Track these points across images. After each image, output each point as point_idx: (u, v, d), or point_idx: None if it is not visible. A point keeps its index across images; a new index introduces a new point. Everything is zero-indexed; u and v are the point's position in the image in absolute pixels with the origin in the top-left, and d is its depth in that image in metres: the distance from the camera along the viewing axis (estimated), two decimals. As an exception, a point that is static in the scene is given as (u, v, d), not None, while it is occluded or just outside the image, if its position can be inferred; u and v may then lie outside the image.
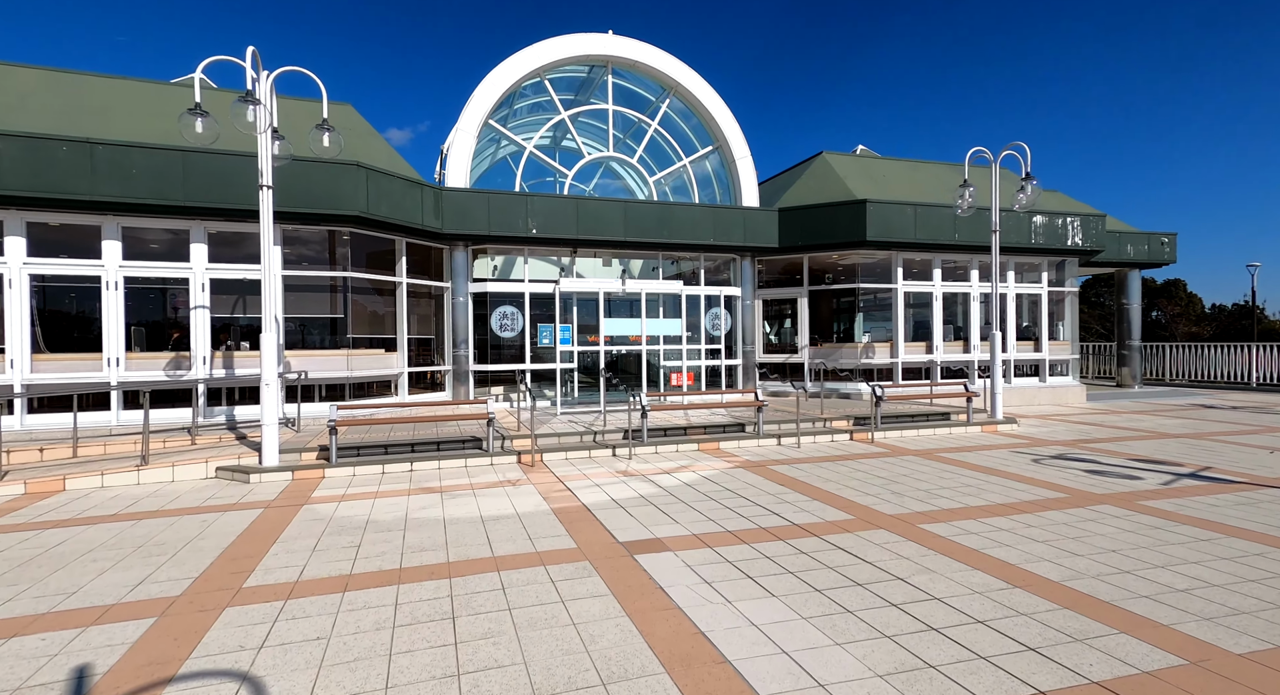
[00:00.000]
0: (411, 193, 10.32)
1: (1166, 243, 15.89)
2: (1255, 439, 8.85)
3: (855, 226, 12.17)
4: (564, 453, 7.95)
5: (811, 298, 13.41)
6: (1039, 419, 11.15)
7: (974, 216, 12.63)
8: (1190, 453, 7.85)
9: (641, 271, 15.54)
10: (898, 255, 12.88)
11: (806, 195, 13.39)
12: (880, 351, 12.90)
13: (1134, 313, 16.28)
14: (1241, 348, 16.97)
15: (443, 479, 6.79)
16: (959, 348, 13.38)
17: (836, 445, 8.66)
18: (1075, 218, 13.30)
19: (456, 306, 11.64)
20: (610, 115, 13.09)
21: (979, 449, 8.27)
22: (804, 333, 13.27)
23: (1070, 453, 7.91)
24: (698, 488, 6.31)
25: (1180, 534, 4.68)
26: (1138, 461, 7.34)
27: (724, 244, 12.57)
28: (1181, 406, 12.83)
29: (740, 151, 13.30)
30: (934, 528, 4.92)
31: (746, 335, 13.46)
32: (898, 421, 9.83)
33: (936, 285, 13.14)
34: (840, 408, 10.85)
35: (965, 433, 9.55)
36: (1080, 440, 8.82)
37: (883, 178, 13.82)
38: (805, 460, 7.64)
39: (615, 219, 11.84)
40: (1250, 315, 39.11)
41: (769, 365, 13.95)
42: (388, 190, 9.87)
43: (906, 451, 8.17)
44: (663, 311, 12.59)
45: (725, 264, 13.73)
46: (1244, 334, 35.85)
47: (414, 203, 10.37)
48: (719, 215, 12.53)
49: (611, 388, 9.22)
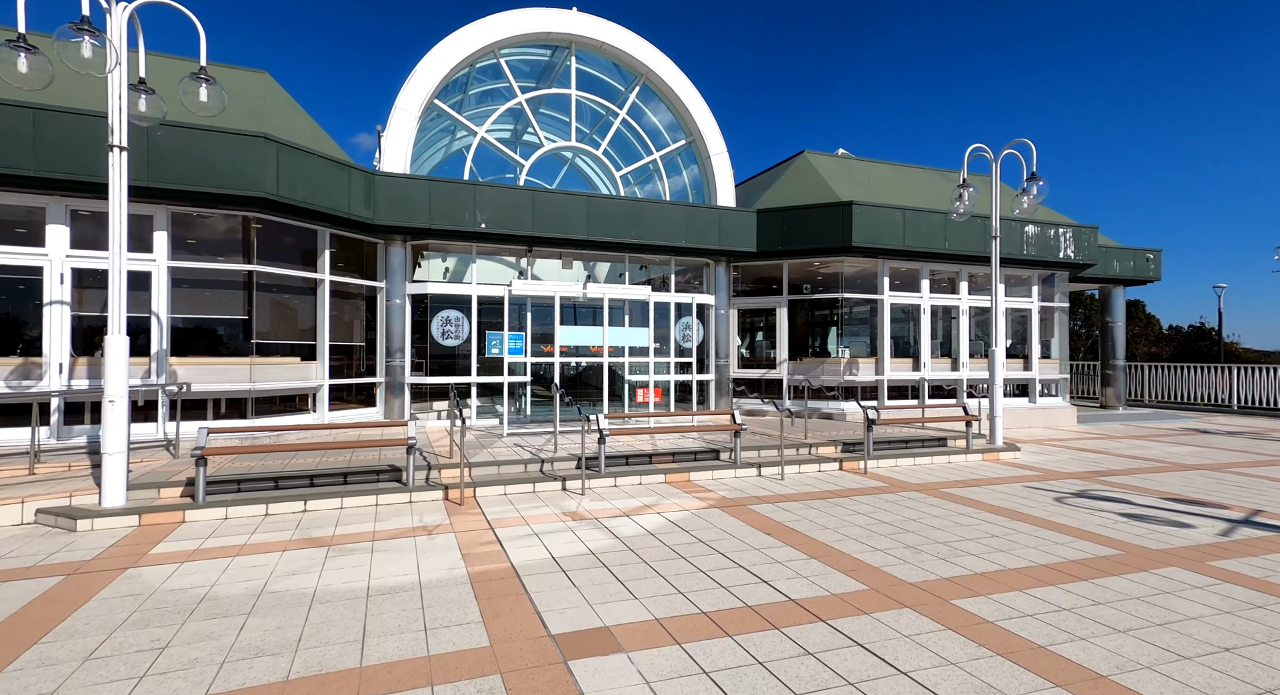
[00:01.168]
0: (337, 176, 8.85)
1: (1151, 259, 15.37)
2: (1271, 472, 7.98)
3: (840, 231, 11.13)
4: (503, 487, 6.55)
5: (791, 308, 12.31)
6: (1037, 444, 10.20)
7: (965, 224, 11.75)
8: (1222, 489, 6.88)
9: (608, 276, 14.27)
10: (884, 264, 11.90)
11: (787, 196, 12.33)
12: (865, 368, 11.86)
13: (1119, 331, 15.69)
14: (1221, 369, 16.57)
15: (340, 525, 5.32)
16: (947, 365, 12.44)
17: (826, 477, 7.47)
18: (1067, 229, 12.55)
19: (392, 309, 10.15)
20: (573, 103, 11.85)
21: (987, 483, 7.17)
22: (782, 346, 12.15)
23: (1092, 489, 6.86)
24: (664, 539, 4.99)
25: (1294, 617, 3.57)
26: (1173, 501, 6.32)
27: (697, 247, 11.39)
28: (1175, 431, 12.10)
29: (716, 146, 12.19)
30: (973, 606, 3.70)
31: (720, 348, 12.27)
32: (890, 448, 8.71)
33: (925, 297, 12.19)
34: (824, 430, 9.70)
35: (965, 462, 8.48)
36: (1095, 473, 7.82)
37: (868, 180, 12.89)
38: (792, 497, 6.41)
39: (577, 215, 10.55)
40: (1206, 337, 39.93)
41: (744, 381, 12.77)
42: (306, 171, 8.39)
43: (906, 485, 7.01)
44: (628, 320, 11.32)
45: (698, 270, 12.55)
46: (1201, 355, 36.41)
47: (340, 187, 8.90)
48: (692, 215, 11.36)
49: (567, 405, 7.87)
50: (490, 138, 11.65)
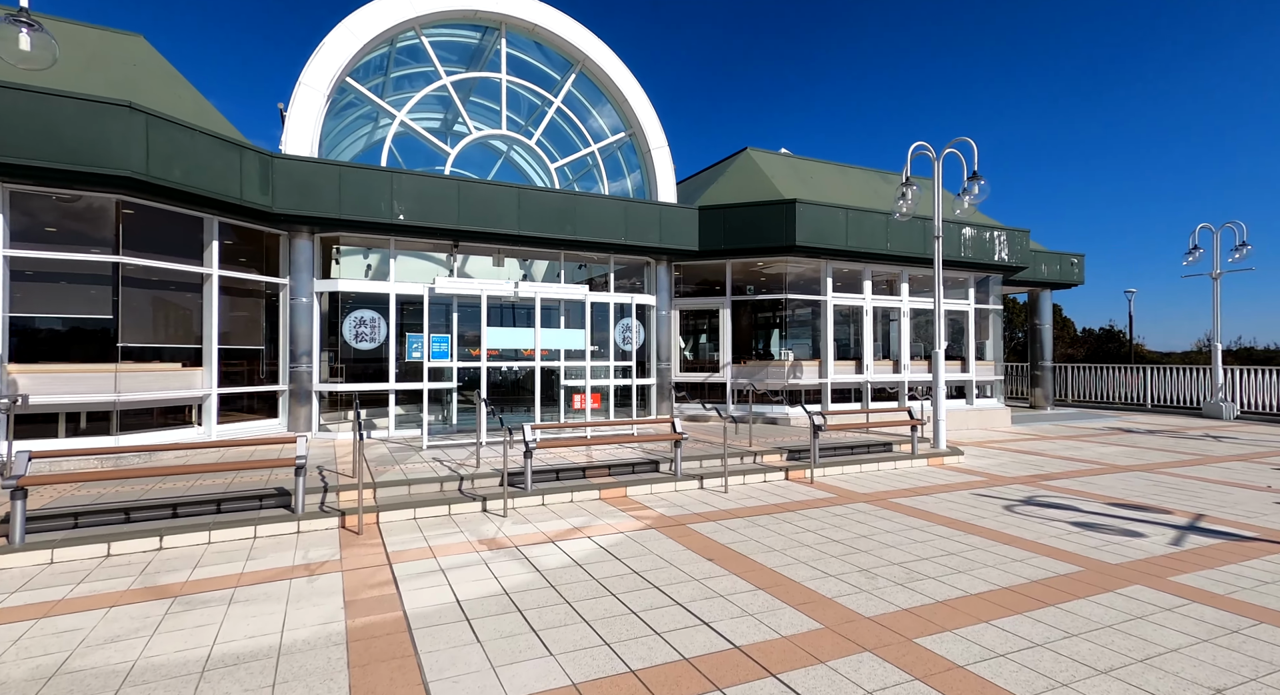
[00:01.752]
0: (225, 156, 7.76)
1: (1076, 263, 15.92)
2: (1208, 472, 8.10)
3: (784, 229, 10.81)
4: (413, 510, 5.74)
5: (734, 310, 11.92)
6: (977, 446, 10.15)
7: (905, 226, 11.67)
8: (1162, 493, 6.84)
9: (546, 276, 13.53)
10: (827, 264, 11.68)
11: (730, 194, 11.95)
12: (808, 371, 11.59)
13: (1046, 334, 16.17)
14: (1135, 370, 17.37)
15: (200, 566, 4.40)
16: (888, 367, 12.34)
17: (771, 488, 7.00)
18: (1001, 232, 12.72)
19: (297, 309, 9.08)
20: (504, 89, 11.07)
21: (936, 491, 6.89)
22: (726, 349, 11.74)
23: (1038, 495, 6.67)
24: (592, 570, 4.35)
25: (1273, 643, 3.27)
26: (1117, 506, 6.18)
27: (637, 244, 10.82)
28: (1102, 431, 12.42)
29: (656, 140, 11.67)
30: (940, 645, 3.24)
31: (662, 351, 11.74)
32: (836, 454, 8.38)
33: (867, 299, 12.05)
34: (769, 436, 9.29)
35: (911, 467, 8.23)
36: (1038, 477, 7.70)
37: (811, 179, 12.67)
38: (736, 513, 5.89)
39: (507, 208, 9.78)
40: (1115, 339, 42.67)
41: (687, 385, 12.29)
42: (186, 149, 7.29)
43: (855, 496, 6.63)
44: (564, 321, 10.62)
45: (639, 270, 11.98)
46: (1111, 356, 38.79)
47: (229, 170, 7.82)
48: (632, 210, 10.78)
49: (490, 414, 7.11)
50: (415, 125, 10.71)
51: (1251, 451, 9.75)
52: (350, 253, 11.66)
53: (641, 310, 11.67)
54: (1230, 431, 12.26)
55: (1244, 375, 15.07)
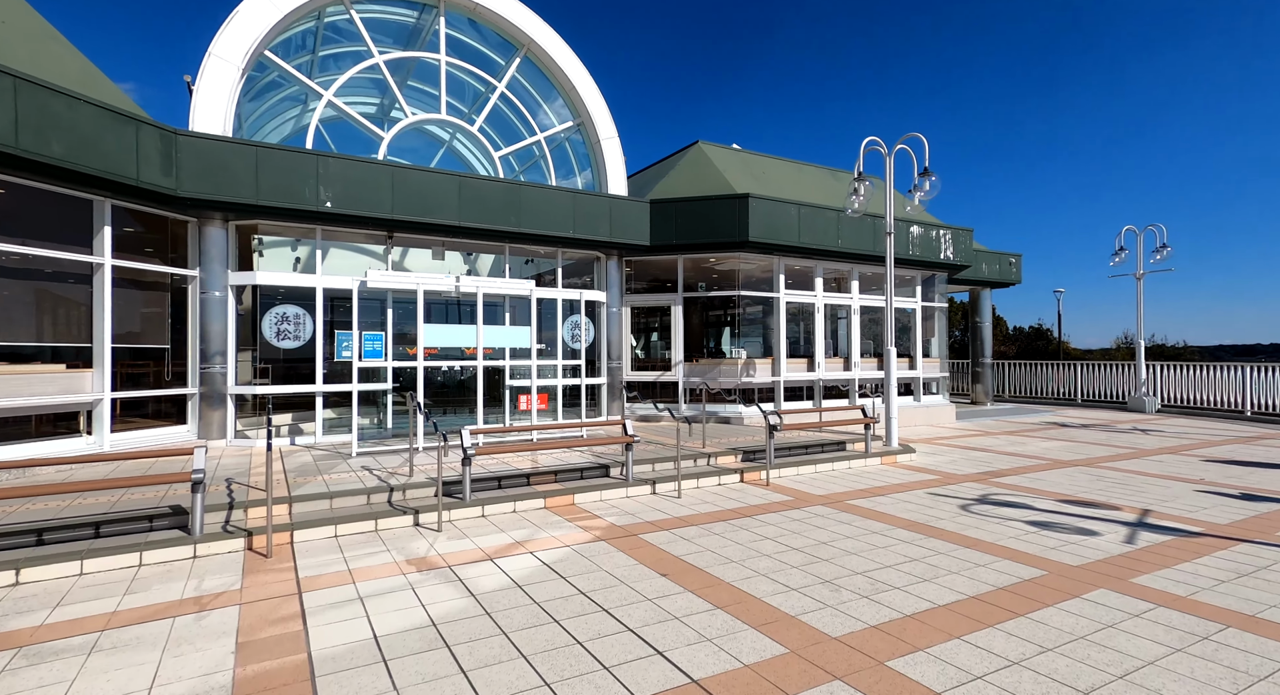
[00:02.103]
0: (117, 130, 6.87)
1: (1014, 263, 16.43)
2: (1144, 465, 8.32)
3: (737, 225, 10.59)
4: (335, 526, 5.14)
5: (686, 307, 11.63)
6: (927, 443, 10.20)
7: (855, 223, 11.66)
8: (1107, 488, 6.92)
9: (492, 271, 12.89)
10: (780, 261, 11.54)
11: (682, 187, 11.65)
12: (761, 369, 11.42)
13: (987, 331, 16.64)
14: (1067, 366, 18.14)
15: (65, 603, 3.73)
16: (839, 365, 12.33)
17: (727, 492, 6.71)
18: (947, 231, 12.92)
19: (209, 304, 8.21)
20: (443, 70, 10.41)
21: (891, 491, 6.76)
22: (678, 347, 11.44)
23: (992, 493, 6.63)
24: (534, 592, 3.91)
25: (1252, 652, 3.15)
26: (1068, 503, 6.18)
27: (586, 238, 10.37)
28: (1040, 425, 12.78)
29: (606, 130, 11.25)
30: (914, 668, 2.97)
31: (612, 349, 11.34)
32: (791, 454, 8.18)
33: (819, 296, 12.00)
34: (723, 437, 9.03)
35: (866, 466, 8.12)
36: (988, 474, 7.71)
37: (763, 174, 12.53)
38: (691, 520, 5.56)
39: (447, 198, 9.16)
40: (1044, 337, 45.02)
41: (638, 384, 11.93)
42: (67, 120, 6.39)
43: (812, 498, 6.41)
44: (510, 318, 10.07)
45: (588, 265, 11.54)
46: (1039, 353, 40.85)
47: (124, 146, 6.93)
48: (580, 203, 10.32)
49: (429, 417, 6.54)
50: (347, 108, 9.92)
51: (1177, 444, 10.16)
52: (277, 244, 10.75)
53: (591, 307, 11.23)
54: (1155, 424, 12.85)
55: (1164, 370, 15.90)
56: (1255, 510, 5.91)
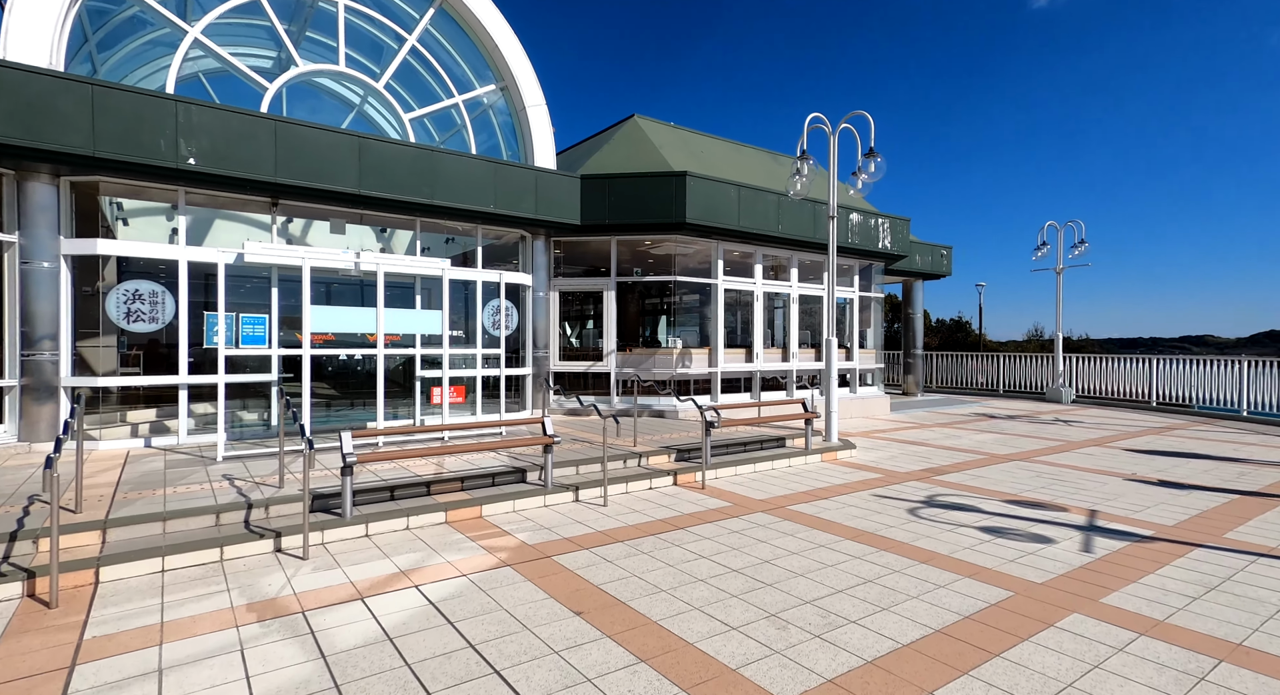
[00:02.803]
0: (-112, 49, 5.33)
1: (945, 255, 16.60)
2: (1076, 458, 8.26)
3: (674, 204, 9.87)
4: (163, 558, 4.07)
5: (620, 293, 10.85)
6: (865, 438, 9.91)
7: (796, 208, 11.20)
8: (1048, 486, 6.70)
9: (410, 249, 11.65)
10: (718, 245, 10.94)
11: (615, 163, 10.82)
12: (698, 359, 10.82)
13: (918, 323, 16.77)
14: (990, 358, 18.65)
15: None
16: (778, 356, 11.92)
17: (659, 497, 6.02)
18: (885, 220, 12.71)
19: (34, 277, 6.73)
20: (341, 17, 9.11)
21: (835, 492, 6.26)
22: (610, 336, 10.66)
23: (939, 494, 6.25)
24: (409, 649, 3.05)
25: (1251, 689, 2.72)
26: (1015, 504, 5.86)
27: (509, 214, 9.38)
28: (970, 417, 12.87)
29: (533, 97, 10.24)
30: (886, 746, 2.33)
31: (539, 337, 10.43)
32: (729, 452, 7.60)
33: (758, 284, 11.49)
34: (656, 433, 8.35)
35: (806, 464, 7.64)
36: (930, 471, 7.38)
37: (702, 154, 11.86)
38: (617, 535, 4.82)
39: (345, 161, 7.95)
40: (964, 329, 47.20)
41: (567, 376, 11.09)
42: None
43: (752, 504, 5.82)
44: (424, 301, 8.98)
45: (513, 245, 10.54)
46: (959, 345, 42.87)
47: (-103, 70, 5.40)
48: (503, 174, 9.31)
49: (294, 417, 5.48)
50: (224, 52, 8.46)
51: (1100, 435, 10.33)
52: (148, 212, 9.14)
53: (515, 291, 10.26)
54: (1073, 415, 13.21)
55: (1079, 362, 16.51)
56: (1193, 506, 5.77)
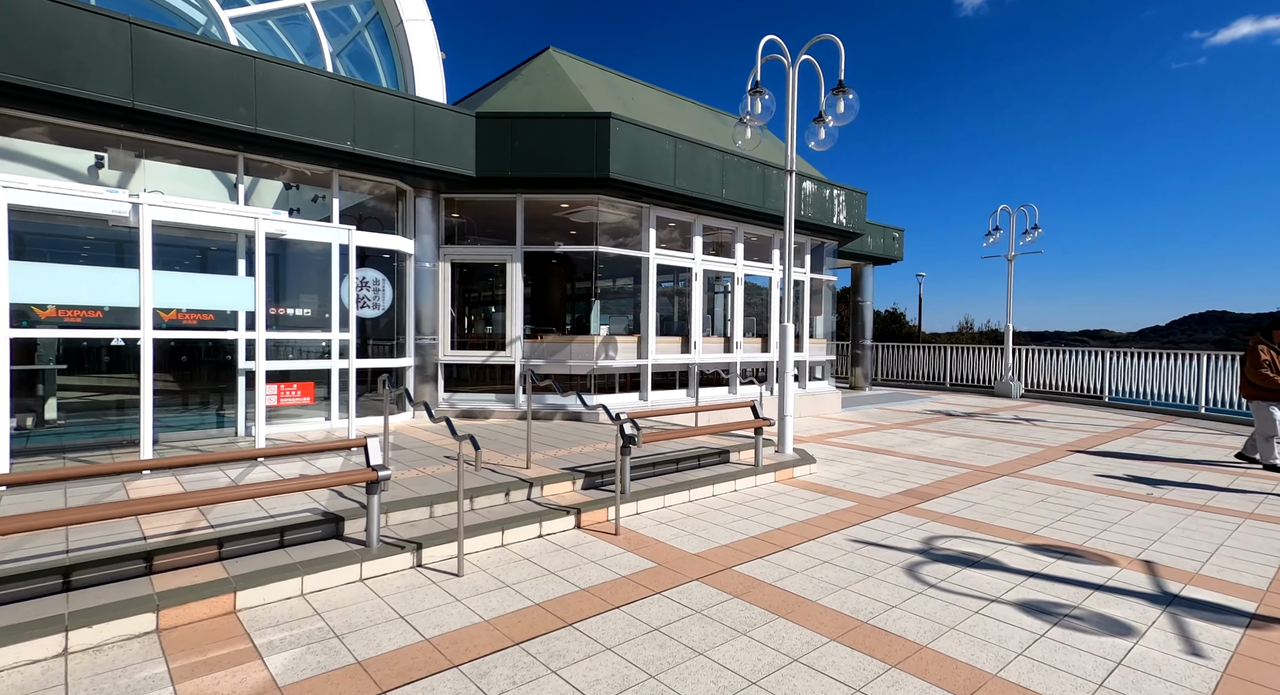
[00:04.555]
0: None
1: (897, 238, 15.38)
2: (1065, 471, 6.92)
3: (594, 154, 7.87)
4: None
5: (529, 266, 8.78)
6: (819, 443, 8.31)
7: (743, 172, 9.43)
8: (1061, 516, 5.21)
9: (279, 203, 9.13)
10: (650, 211, 9.02)
11: (524, 101, 8.69)
12: (625, 349, 8.91)
13: (868, 311, 15.52)
14: (938, 350, 17.74)
15: None
16: (719, 346, 10.18)
17: (549, 554, 4.06)
18: (841, 192, 11.16)
19: None
20: None
21: (799, 538, 4.50)
22: (516, 319, 8.58)
23: (936, 538, 4.60)
24: None
25: None
26: (1042, 553, 4.28)
27: (377, 157, 7.11)
28: (927, 416, 11.60)
29: (413, 9, 7.94)
30: None
31: (424, 320, 8.24)
32: (656, 473, 5.74)
33: (697, 259, 9.67)
34: (564, 444, 6.38)
35: (757, 488, 5.88)
36: (912, 494, 5.78)
37: (633, 101, 9.88)
38: (461, 641, 2.83)
39: (106, 57, 5.47)
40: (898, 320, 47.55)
41: (462, 367, 8.95)
42: None
43: (685, 565, 3.96)
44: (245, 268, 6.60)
45: (391, 201, 8.25)
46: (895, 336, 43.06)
47: None
48: (365, 102, 7.02)
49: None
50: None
51: (1075, 438, 9.17)
52: None
53: (390, 260, 8.02)
54: (1031, 411, 12.21)
55: (1027, 355, 15.73)
56: (1269, 551, 4.36)
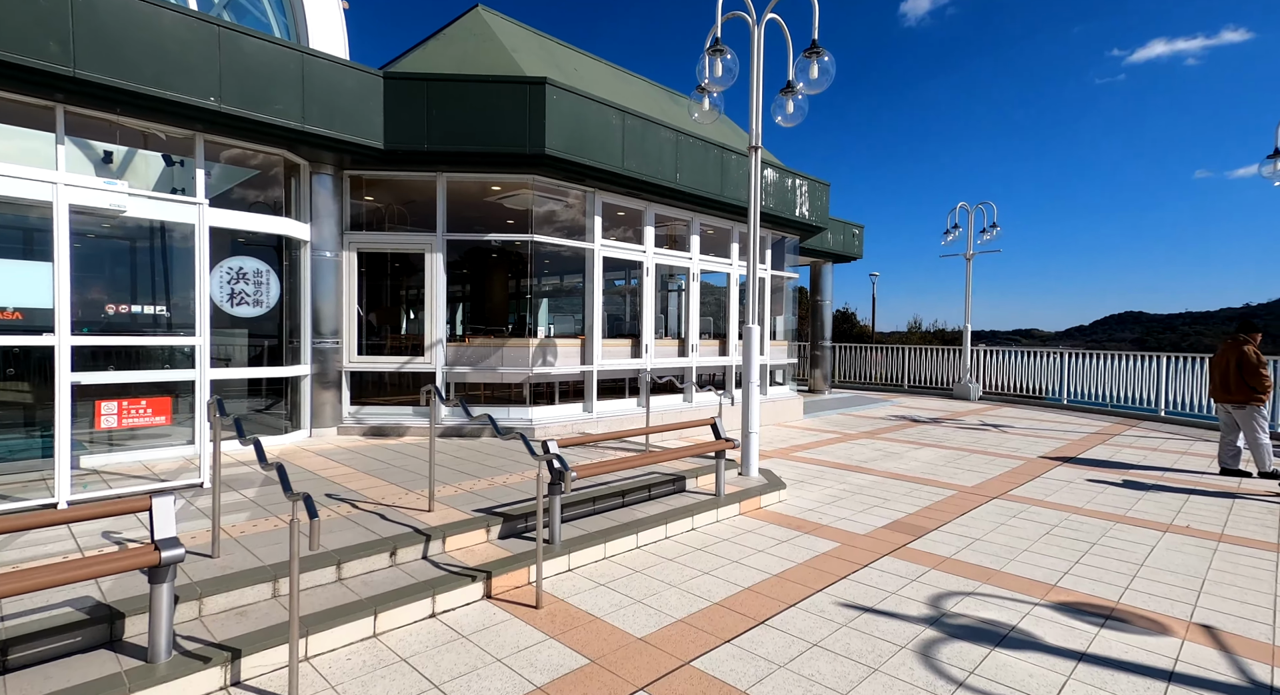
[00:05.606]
0: None
1: (857, 235, 14.76)
2: (1059, 491, 6.21)
3: (529, 127, 6.70)
4: None
5: (468, 261, 7.55)
6: (784, 458, 7.40)
7: (699, 155, 8.45)
8: (1077, 554, 4.40)
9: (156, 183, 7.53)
10: (595, 197, 7.92)
11: (445, 63, 7.44)
12: (566, 354, 7.78)
13: (828, 311, 14.86)
14: (896, 351, 17.30)
15: None
16: (673, 348, 9.16)
17: (435, 651, 2.91)
18: (804, 182, 10.32)
19: None
20: None
21: (775, 603, 3.50)
22: (437, 320, 7.32)
23: (944, 596, 3.68)
24: None
25: None
26: (1077, 616, 3.41)
27: (252, 118, 5.75)
28: (892, 423, 10.92)
29: (306, -59, 6.58)
30: None
31: (325, 320, 6.90)
32: (597, 509, 4.65)
33: (649, 252, 8.62)
34: (484, 473, 5.21)
35: (719, 527, 4.86)
36: (899, 529, 4.88)
37: (575, 74, 8.75)
38: None
39: None
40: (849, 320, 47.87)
41: (372, 375, 7.64)
42: None
43: (628, 661, 2.88)
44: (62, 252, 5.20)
45: (281, 178, 6.86)
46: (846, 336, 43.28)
47: None
48: (236, 49, 5.64)
49: None
50: None
51: (1051, 447, 8.59)
52: None
53: (280, 248, 6.65)
54: (995, 416, 11.73)
55: (984, 357, 15.40)
56: (1319, 601, 3.62)
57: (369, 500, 4.44)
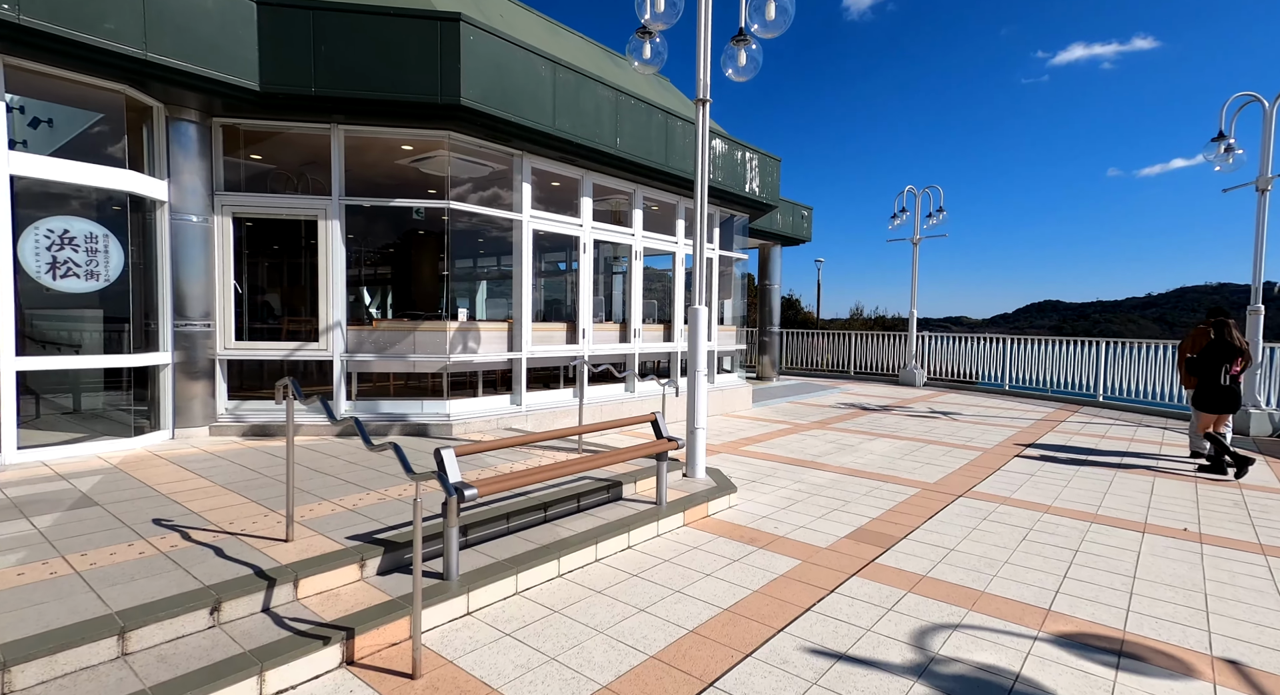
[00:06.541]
0: None
1: (806, 217, 14.30)
2: (1021, 484, 5.80)
3: (441, 73, 5.68)
4: None
5: (353, 226, 6.45)
6: (734, 452, 6.75)
7: (642, 119, 7.62)
8: (1065, 565, 3.89)
9: None
10: (523, 159, 6.96)
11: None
12: (490, 340, 6.85)
13: (776, 295, 14.38)
14: (843, 337, 17.09)
15: None
16: (614, 334, 8.35)
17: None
18: (754, 155, 9.63)
19: None
20: None
21: (730, 654, 2.77)
22: (335, 298, 6.24)
23: (919, 617, 3.05)
24: None
25: None
26: (1078, 650, 2.84)
27: (70, 37, 4.51)
28: (841, 411, 10.50)
29: None
30: None
31: (191, 298, 5.73)
32: (511, 527, 3.81)
33: (586, 226, 7.73)
34: (380, 479, 4.27)
35: (660, 542, 4.11)
36: (864, 539, 4.27)
37: (500, 20, 7.69)
38: None
39: None
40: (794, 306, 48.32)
41: (254, 364, 6.50)
42: None
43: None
44: None
45: (131, 121, 5.58)
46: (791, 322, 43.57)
47: None
48: (43, -55, 4.37)
49: None
50: None
51: (1002, 436, 8.31)
52: None
53: (125, 209, 5.41)
54: (941, 402, 11.54)
55: (929, 342, 15.33)
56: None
57: (211, 526, 3.45)
